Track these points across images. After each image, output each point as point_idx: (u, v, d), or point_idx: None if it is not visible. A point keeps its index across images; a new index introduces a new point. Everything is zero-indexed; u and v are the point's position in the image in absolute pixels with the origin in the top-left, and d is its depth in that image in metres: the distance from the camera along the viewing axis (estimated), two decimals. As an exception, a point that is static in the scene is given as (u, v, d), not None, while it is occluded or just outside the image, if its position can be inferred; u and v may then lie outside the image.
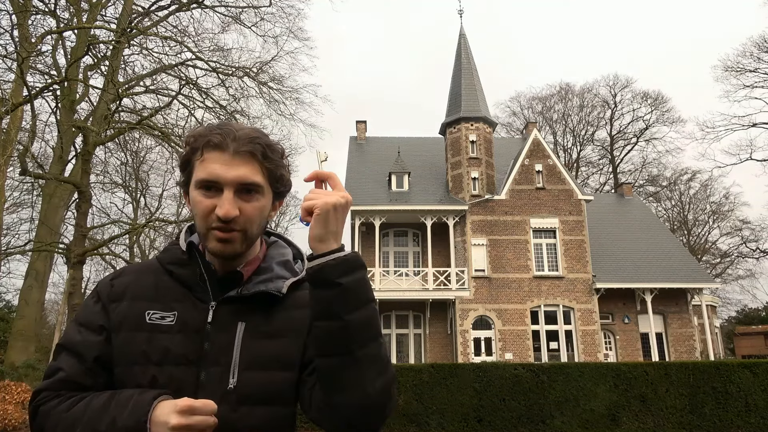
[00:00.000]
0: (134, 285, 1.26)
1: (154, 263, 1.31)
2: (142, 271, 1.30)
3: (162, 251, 1.34)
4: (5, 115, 12.50)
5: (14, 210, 24.86)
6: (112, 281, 1.29)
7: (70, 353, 1.20)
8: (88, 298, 1.30)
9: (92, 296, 1.29)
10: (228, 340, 1.19)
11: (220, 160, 1.16)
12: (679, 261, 25.40)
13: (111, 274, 1.33)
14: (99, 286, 1.30)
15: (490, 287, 23.11)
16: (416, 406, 12.22)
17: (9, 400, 11.05)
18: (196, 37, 19.71)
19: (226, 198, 1.16)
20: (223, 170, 1.16)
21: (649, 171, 46.45)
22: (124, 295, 1.25)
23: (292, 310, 1.27)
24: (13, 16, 16.48)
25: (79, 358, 1.19)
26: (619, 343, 24.25)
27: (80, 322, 1.25)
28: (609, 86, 46.76)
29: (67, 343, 1.22)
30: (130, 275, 1.29)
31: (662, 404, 12.35)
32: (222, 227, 1.16)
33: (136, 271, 1.30)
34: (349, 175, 26.24)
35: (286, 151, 1.30)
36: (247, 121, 20.17)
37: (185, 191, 1.26)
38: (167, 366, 1.16)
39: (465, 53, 27.51)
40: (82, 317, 1.26)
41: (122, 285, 1.27)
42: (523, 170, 24.82)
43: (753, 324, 32.80)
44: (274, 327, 1.24)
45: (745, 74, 33.66)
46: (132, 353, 1.17)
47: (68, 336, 1.24)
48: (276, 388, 1.21)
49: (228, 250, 1.19)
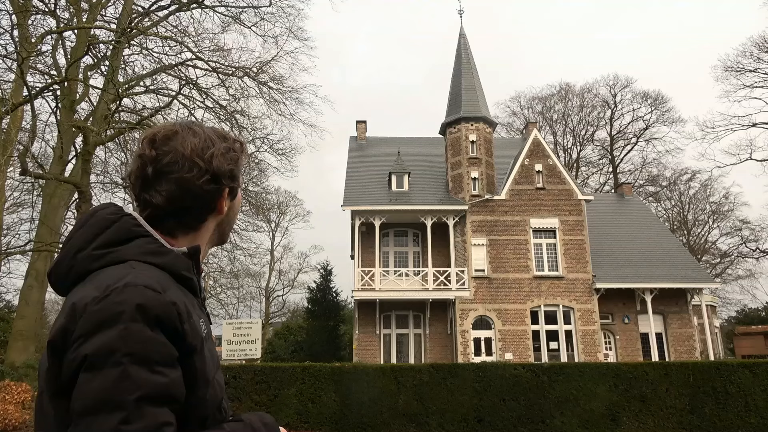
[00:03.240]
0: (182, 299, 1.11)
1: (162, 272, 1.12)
2: (170, 282, 1.12)
3: (155, 254, 1.14)
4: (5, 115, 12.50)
5: (14, 210, 24.86)
6: (165, 295, 1.05)
7: (163, 402, 0.98)
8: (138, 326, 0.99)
9: (146, 321, 1.00)
10: None
11: None
12: (679, 261, 25.41)
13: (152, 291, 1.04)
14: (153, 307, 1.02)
15: (490, 287, 23.11)
16: (416, 406, 12.22)
17: (9, 400, 11.05)
18: (196, 37, 19.71)
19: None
20: None
21: (649, 171, 46.52)
22: (186, 313, 1.09)
23: None
24: (13, 16, 16.47)
25: (174, 402, 1.00)
26: (619, 343, 24.26)
27: (152, 359, 0.98)
28: (609, 86, 46.83)
29: (150, 392, 0.96)
30: (171, 289, 1.10)
31: (662, 404, 12.35)
32: None
33: (171, 286, 1.11)
34: (349, 175, 26.23)
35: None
36: (247, 120, 20.18)
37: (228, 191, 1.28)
38: (219, 370, 1.20)
39: (465, 53, 27.51)
40: (149, 353, 0.98)
41: (180, 301, 1.08)
42: (523, 170, 24.83)
43: (753, 324, 32.76)
44: None
45: (745, 74, 33.73)
46: (210, 366, 1.14)
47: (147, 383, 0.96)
48: None
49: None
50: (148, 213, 1.20)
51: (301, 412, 12.21)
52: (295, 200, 47.37)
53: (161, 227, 1.20)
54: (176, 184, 1.18)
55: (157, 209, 1.19)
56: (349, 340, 27.69)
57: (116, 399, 0.93)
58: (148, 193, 1.19)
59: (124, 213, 1.18)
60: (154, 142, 1.20)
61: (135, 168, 1.21)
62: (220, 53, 19.49)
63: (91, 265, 1.11)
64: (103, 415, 0.92)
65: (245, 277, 44.12)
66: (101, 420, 0.92)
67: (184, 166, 1.19)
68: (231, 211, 1.31)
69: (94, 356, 0.96)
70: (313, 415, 12.19)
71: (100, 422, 0.92)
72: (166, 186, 1.18)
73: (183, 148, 1.20)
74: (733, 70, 33.94)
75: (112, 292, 1.01)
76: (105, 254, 1.12)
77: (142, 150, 1.20)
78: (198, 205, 1.22)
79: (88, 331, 0.98)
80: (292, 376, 12.47)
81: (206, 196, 1.22)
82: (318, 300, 31.90)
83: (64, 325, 1.02)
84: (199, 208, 1.23)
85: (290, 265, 49.18)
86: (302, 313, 38.50)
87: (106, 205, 1.22)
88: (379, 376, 12.55)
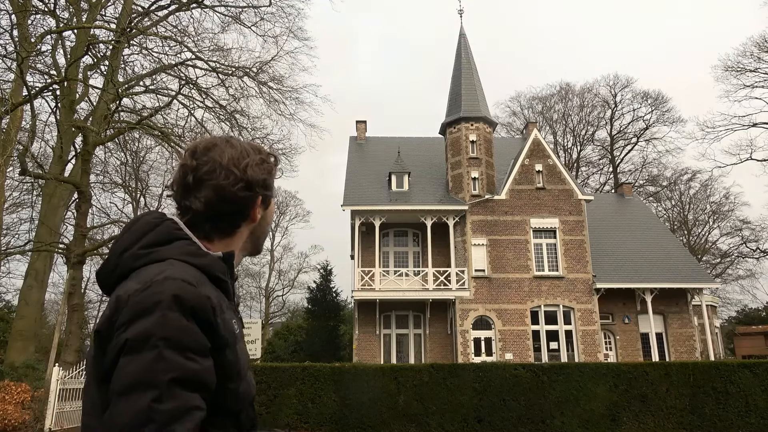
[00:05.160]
0: (216, 296, 1.19)
1: (198, 272, 1.19)
2: (206, 281, 1.19)
3: (194, 255, 1.22)
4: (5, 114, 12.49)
5: (14, 210, 24.87)
6: (200, 289, 1.13)
7: (195, 387, 1.03)
8: (176, 315, 1.06)
9: (181, 311, 1.07)
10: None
11: None
12: (679, 261, 25.40)
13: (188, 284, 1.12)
14: (189, 299, 1.09)
15: (490, 287, 23.10)
16: (416, 406, 12.22)
17: (9, 400, 11.05)
18: (196, 37, 19.70)
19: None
20: None
21: (649, 171, 46.50)
22: (220, 308, 1.17)
23: None
24: (12, 15, 16.47)
25: (204, 389, 1.06)
26: (619, 343, 24.25)
27: (187, 347, 1.05)
28: (609, 86, 46.81)
29: (185, 376, 1.02)
30: (206, 286, 1.17)
31: (662, 404, 12.35)
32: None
33: (207, 282, 1.19)
34: (349, 175, 26.22)
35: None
36: (247, 120, 20.17)
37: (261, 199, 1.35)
38: (249, 370, 1.28)
39: (465, 53, 27.50)
40: (184, 340, 1.05)
41: (214, 296, 1.17)
42: (523, 170, 24.82)
43: (753, 324, 32.77)
44: None
45: (745, 74, 33.71)
46: (242, 364, 1.22)
47: (180, 367, 1.02)
48: None
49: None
50: (188, 218, 1.29)
51: (301, 412, 12.20)
52: (295, 200, 47.42)
53: (199, 231, 1.29)
54: (213, 190, 1.27)
55: (196, 215, 1.28)
56: (349, 340, 27.68)
57: (150, 379, 0.99)
58: (188, 199, 1.28)
59: (166, 218, 1.28)
60: (195, 153, 1.30)
61: (177, 177, 1.31)
62: (219, 53, 19.48)
63: (134, 264, 1.19)
64: (137, 394, 0.98)
65: (245, 277, 44.18)
66: (135, 398, 0.98)
67: (221, 174, 1.27)
68: (264, 220, 1.38)
69: (133, 340, 1.03)
70: (313, 415, 12.19)
71: (134, 400, 0.97)
72: (204, 192, 1.27)
73: (221, 158, 1.29)
74: (733, 69, 33.94)
75: (153, 284, 1.09)
76: (148, 253, 1.20)
77: (184, 160, 1.31)
78: (232, 210, 1.30)
79: (129, 319, 1.06)
80: (292, 376, 12.46)
81: (240, 203, 1.30)
82: (318, 300, 31.89)
83: (109, 315, 1.11)
84: (233, 214, 1.31)
85: (290, 265, 49.17)
86: (302, 313, 38.48)
87: (150, 212, 1.32)
88: (379, 376, 12.54)
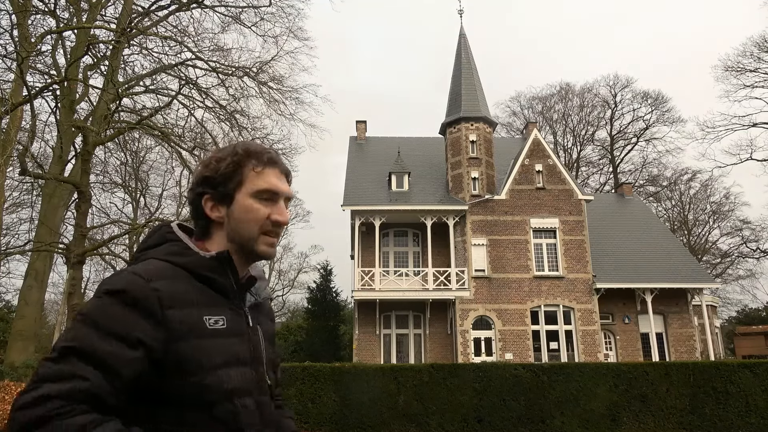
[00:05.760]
0: (178, 290, 1.21)
1: (173, 268, 1.25)
2: (173, 276, 1.23)
3: (175, 254, 1.28)
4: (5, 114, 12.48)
5: (14, 210, 24.86)
6: (150, 283, 1.17)
7: (95, 364, 1.07)
8: (114, 303, 1.14)
9: (121, 301, 1.14)
10: (258, 342, 1.36)
11: (275, 174, 1.35)
12: (680, 261, 25.39)
13: (139, 276, 1.19)
14: (132, 287, 1.16)
15: (490, 287, 23.10)
16: (416, 406, 12.21)
17: (8, 400, 11.03)
18: (196, 37, 19.70)
19: (282, 207, 1.35)
20: (279, 183, 1.35)
21: (649, 171, 46.48)
22: (176, 301, 1.19)
23: (271, 320, 1.49)
24: (12, 15, 16.46)
25: (107, 372, 1.07)
26: (619, 343, 24.24)
27: (109, 330, 1.10)
28: (609, 86, 46.81)
29: (88, 349, 1.07)
30: (166, 279, 1.21)
31: (662, 404, 12.34)
32: (275, 232, 1.34)
33: (169, 276, 1.23)
34: (349, 175, 26.22)
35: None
36: (247, 120, 20.17)
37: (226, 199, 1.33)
38: (240, 367, 1.26)
39: (465, 53, 27.50)
40: (110, 325, 1.11)
41: (168, 290, 1.19)
42: (523, 170, 24.81)
43: (753, 324, 32.78)
44: (271, 334, 1.45)
45: (745, 74, 33.70)
46: (212, 359, 1.21)
47: (89, 342, 1.08)
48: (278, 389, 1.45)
49: (273, 253, 1.36)
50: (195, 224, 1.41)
51: (301, 412, 12.19)
52: (295, 200, 47.41)
53: (196, 235, 1.38)
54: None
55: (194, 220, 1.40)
56: (349, 340, 27.68)
57: (59, 344, 1.10)
58: None
59: (165, 224, 1.38)
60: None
61: None
62: (219, 53, 19.48)
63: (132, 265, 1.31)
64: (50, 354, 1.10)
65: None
66: (47, 356, 1.10)
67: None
68: (232, 219, 1.32)
69: (77, 315, 1.16)
70: (313, 415, 12.18)
71: (43, 361, 1.10)
72: None
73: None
74: (733, 69, 33.94)
75: (114, 276, 1.21)
76: (140, 256, 1.31)
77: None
78: (193, 213, 1.37)
79: (88, 300, 1.21)
80: (292, 376, 12.45)
81: (192, 205, 1.36)
82: (318, 300, 31.88)
83: None
84: (195, 217, 1.37)
85: (290, 265, 49.21)
86: (302, 313, 38.47)
87: (164, 221, 1.47)
88: (379, 376, 12.53)
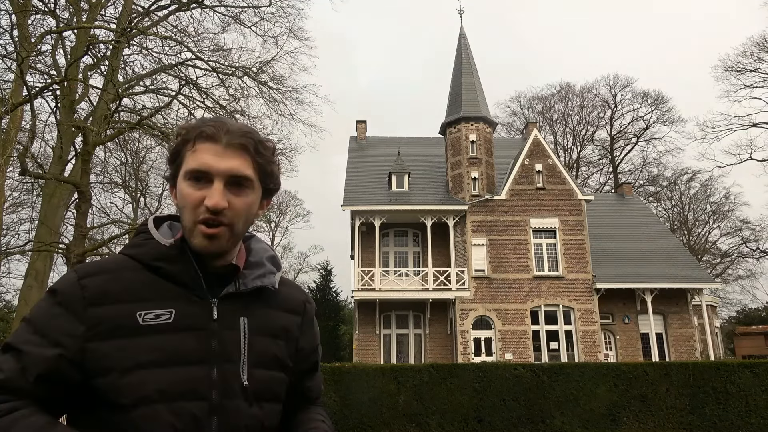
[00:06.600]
0: (113, 285, 1.13)
1: (127, 260, 1.19)
2: (117, 269, 1.17)
3: (133, 246, 1.21)
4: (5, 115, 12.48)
5: (14, 210, 24.84)
6: (80, 281, 1.13)
7: (16, 357, 1.07)
8: (47, 302, 1.12)
9: (52, 300, 1.12)
10: (235, 337, 1.18)
11: (211, 150, 1.14)
12: (679, 261, 25.39)
13: (75, 273, 1.15)
14: (62, 286, 1.13)
15: (490, 287, 23.10)
16: (416, 406, 12.21)
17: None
18: (196, 37, 19.69)
19: (216, 189, 1.13)
20: (214, 161, 1.14)
21: (649, 171, 46.49)
22: (106, 298, 1.12)
23: (284, 312, 1.30)
24: (12, 15, 16.45)
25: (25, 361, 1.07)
26: (619, 343, 24.24)
27: (36, 329, 1.10)
28: (609, 86, 46.82)
29: (13, 345, 1.09)
30: (104, 274, 1.15)
31: (662, 404, 12.34)
32: (210, 220, 1.13)
33: (111, 270, 1.16)
34: (349, 175, 26.22)
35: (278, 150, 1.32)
36: (247, 120, 20.17)
37: (172, 184, 1.22)
38: (178, 367, 1.11)
39: (465, 53, 27.50)
40: (37, 323, 1.11)
41: (98, 286, 1.13)
42: (523, 170, 24.81)
43: (753, 324, 32.80)
44: (273, 327, 1.26)
45: (745, 74, 33.69)
46: (134, 358, 1.08)
47: (15, 339, 1.10)
48: (277, 388, 1.24)
49: (214, 247, 1.15)
50: None
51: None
52: (295, 200, 47.39)
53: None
54: None
55: None
56: (349, 340, 27.69)
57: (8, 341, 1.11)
58: None
59: (147, 219, 1.28)
60: None
61: None
62: (220, 53, 19.47)
63: None
64: None
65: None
66: None
67: None
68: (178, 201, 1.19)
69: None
70: (313, 415, 12.16)
71: None
72: None
73: None
74: (733, 69, 33.92)
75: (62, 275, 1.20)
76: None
77: None
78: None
79: None
80: (292, 376, 12.43)
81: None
82: (318, 300, 31.93)
83: None
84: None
85: (290, 265, 49.12)
86: (302, 313, 38.47)
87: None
88: (379, 376, 12.53)
